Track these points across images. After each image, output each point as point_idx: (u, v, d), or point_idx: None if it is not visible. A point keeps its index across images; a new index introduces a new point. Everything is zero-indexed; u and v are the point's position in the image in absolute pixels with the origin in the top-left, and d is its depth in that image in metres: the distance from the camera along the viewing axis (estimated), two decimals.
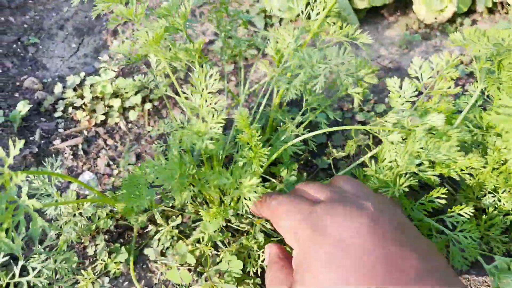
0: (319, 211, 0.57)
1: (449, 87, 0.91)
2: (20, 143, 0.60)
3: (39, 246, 0.79)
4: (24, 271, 0.86)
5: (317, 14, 0.91)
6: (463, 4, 1.66)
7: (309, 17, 0.95)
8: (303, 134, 1.03)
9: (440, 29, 1.69)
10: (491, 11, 1.76)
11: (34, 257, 0.79)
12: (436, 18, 1.64)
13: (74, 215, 0.92)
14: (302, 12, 0.98)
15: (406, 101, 0.89)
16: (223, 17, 1.09)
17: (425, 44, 1.64)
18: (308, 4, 0.97)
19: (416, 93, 0.88)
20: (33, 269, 0.77)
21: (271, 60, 1.52)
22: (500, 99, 0.71)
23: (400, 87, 0.94)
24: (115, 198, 0.95)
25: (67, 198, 1.01)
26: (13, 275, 0.79)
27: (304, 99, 1.01)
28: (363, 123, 1.30)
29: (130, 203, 0.76)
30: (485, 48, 0.84)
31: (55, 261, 0.78)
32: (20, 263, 0.77)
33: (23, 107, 1.20)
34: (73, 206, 0.90)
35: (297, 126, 1.01)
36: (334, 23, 0.99)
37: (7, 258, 0.81)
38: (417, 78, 0.89)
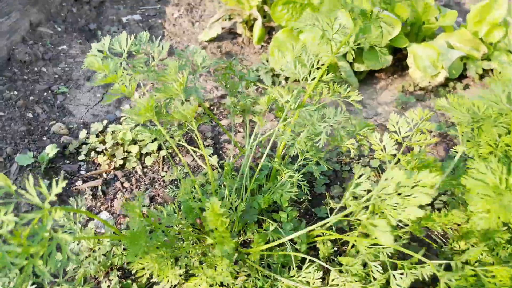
0: None
1: (426, 138, 1.03)
2: (63, 182, 0.71)
3: (62, 278, 0.89)
4: None
5: (313, 79, 1.05)
6: (455, 70, 1.81)
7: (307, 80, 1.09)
8: (299, 181, 1.14)
9: (434, 92, 1.83)
10: (482, 76, 1.91)
11: None
12: (430, 82, 1.79)
13: (94, 251, 1.01)
14: (306, 79, 1.12)
15: (388, 154, 1.01)
16: (230, 78, 1.24)
17: (420, 104, 1.78)
18: (310, 71, 1.12)
19: (396, 146, 1.00)
20: None
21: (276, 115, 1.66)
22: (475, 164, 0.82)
23: (381, 140, 1.06)
24: (125, 236, 1.05)
25: (87, 234, 1.11)
26: None
27: (301, 152, 1.13)
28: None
29: (130, 253, 0.86)
30: (463, 115, 0.97)
31: None
32: None
33: (51, 150, 1.33)
34: (93, 242, 1.00)
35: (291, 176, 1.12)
36: (328, 86, 1.14)
37: (34, 286, 0.89)
38: (395, 132, 1.02)
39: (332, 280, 0.97)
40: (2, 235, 0.67)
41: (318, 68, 1.12)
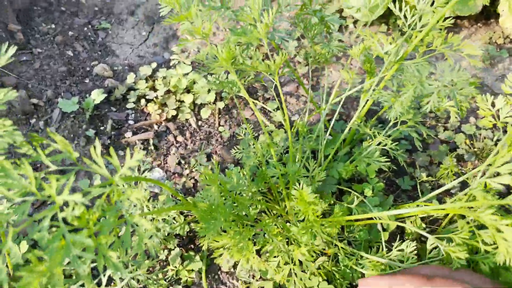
0: None
1: None
2: (140, 153, 0.55)
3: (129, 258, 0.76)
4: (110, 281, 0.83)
5: (414, 24, 0.83)
6: None
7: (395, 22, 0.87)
8: (393, 149, 0.96)
9: None
10: None
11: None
12: None
13: (153, 219, 0.88)
14: (405, 17, 0.90)
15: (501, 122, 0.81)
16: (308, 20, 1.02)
17: (510, 60, 1.52)
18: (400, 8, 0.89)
19: None
20: (121, 280, 0.73)
21: (344, 64, 1.45)
22: None
23: (493, 105, 0.86)
24: (195, 205, 0.91)
25: (138, 193, 0.98)
26: (99, 284, 0.75)
27: (389, 113, 0.93)
28: (446, 142, 1.21)
29: (207, 230, 0.71)
30: None
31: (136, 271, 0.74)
32: (108, 272, 0.74)
33: (97, 96, 1.17)
34: (144, 200, 0.86)
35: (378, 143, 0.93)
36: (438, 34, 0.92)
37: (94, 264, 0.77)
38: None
39: (430, 251, 0.80)
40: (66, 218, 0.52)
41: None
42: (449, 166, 0.98)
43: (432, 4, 0.86)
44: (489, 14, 1.67)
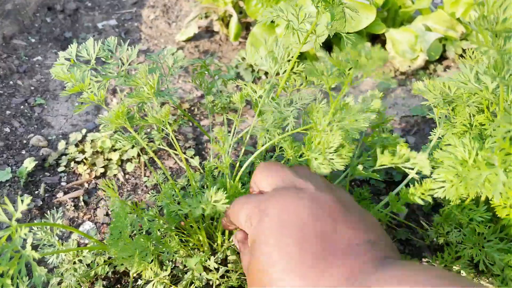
0: (266, 197, 0.67)
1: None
2: (28, 199, 0.69)
3: None
4: None
5: (284, 72, 1.04)
6: (434, 52, 1.80)
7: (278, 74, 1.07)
8: None
9: (414, 76, 1.82)
10: (461, 56, 1.90)
11: None
12: (409, 66, 1.78)
13: (74, 262, 1.00)
14: (278, 73, 1.11)
15: None
16: (205, 77, 1.22)
17: (400, 89, 1.77)
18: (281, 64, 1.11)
19: None
20: None
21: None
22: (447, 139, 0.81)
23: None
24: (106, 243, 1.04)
25: (68, 247, 1.10)
26: None
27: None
28: None
29: (119, 255, 0.85)
30: (435, 97, 0.96)
31: None
32: None
33: (29, 164, 1.31)
34: (73, 254, 0.98)
35: None
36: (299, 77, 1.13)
37: None
38: None
39: None
40: None
41: (289, 61, 1.11)
42: None
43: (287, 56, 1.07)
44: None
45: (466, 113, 0.93)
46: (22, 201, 0.70)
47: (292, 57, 1.11)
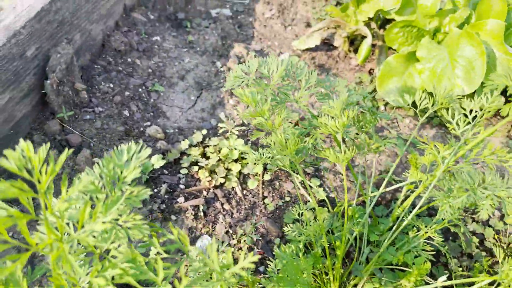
0: None
1: None
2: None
3: None
4: None
5: (474, 133, 0.94)
6: None
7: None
8: (438, 244, 1.05)
9: None
10: None
11: None
12: None
13: None
14: (458, 125, 1.01)
15: None
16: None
17: None
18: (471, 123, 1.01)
19: None
20: None
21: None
22: None
23: None
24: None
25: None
26: None
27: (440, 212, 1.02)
28: (475, 233, 1.29)
29: None
30: None
31: None
32: None
33: (156, 161, 1.25)
34: None
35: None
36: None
37: None
38: None
39: None
40: None
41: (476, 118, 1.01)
42: (482, 268, 1.06)
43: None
44: None
45: None
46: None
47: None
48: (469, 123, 1.04)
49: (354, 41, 1.89)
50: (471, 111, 1.03)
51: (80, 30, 1.47)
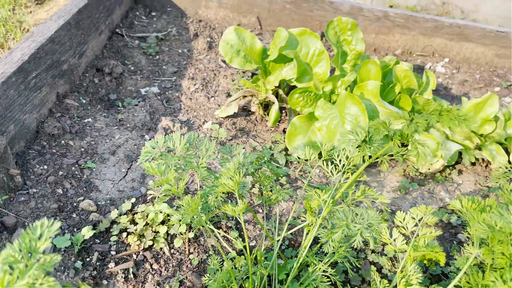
0: None
1: (431, 232, 1.20)
2: None
3: None
4: None
5: (346, 178, 1.18)
6: (451, 158, 1.99)
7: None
8: (332, 275, 1.24)
9: (432, 177, 2.00)
10: (473, 163, 2.10)
11: None
12: (429, 169, 1.96)
13: None
14: (332, 173, 1.25)
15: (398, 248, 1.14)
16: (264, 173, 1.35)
17: (420, 189, 1.93)
18: (342, 171, 1.25)
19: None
20: None
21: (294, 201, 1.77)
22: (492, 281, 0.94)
23: (390, 235, 1.20)
24: None
25: None
26: None
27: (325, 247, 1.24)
28: (374, 263, 1.51)
29: None
30: (481, 228, 1.10)
31: None
32: None
33: (86, 232, 1.39)
34: None
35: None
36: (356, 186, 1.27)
37: None
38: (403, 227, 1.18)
39: None
40: None
41: (348, 168, 1.26)
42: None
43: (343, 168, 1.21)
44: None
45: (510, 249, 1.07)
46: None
47: (354, 165, 1.26)
48: (339, 171, 1.29)
49: (267, 106, 2.17)
50: (340, 161, 1.29)
51: (14, 121, 1.63)
